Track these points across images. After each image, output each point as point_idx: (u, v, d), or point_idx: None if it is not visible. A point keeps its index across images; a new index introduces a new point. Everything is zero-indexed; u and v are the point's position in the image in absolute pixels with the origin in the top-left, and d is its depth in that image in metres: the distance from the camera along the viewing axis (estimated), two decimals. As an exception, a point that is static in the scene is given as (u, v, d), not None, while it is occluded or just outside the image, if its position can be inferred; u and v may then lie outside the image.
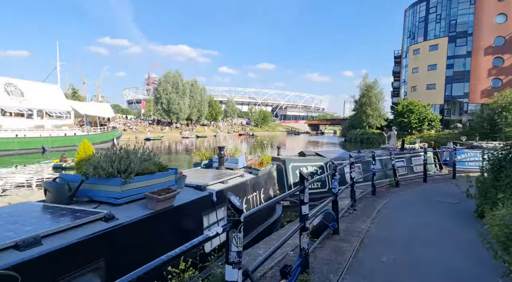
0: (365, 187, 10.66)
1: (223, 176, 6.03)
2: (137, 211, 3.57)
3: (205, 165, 7.16)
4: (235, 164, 6.94)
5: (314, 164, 10.71)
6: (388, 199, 8.92)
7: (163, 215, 3.76)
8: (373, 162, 9.01)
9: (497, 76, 52.34)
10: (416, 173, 13.73)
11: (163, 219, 3.75)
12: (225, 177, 5.97)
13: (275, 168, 8.24)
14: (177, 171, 4.66)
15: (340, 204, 8.51)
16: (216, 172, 6.44)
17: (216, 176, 5.97)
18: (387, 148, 14.47)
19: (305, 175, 4.03)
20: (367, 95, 62.15)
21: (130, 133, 56.02)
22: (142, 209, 3.66)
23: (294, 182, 10.16)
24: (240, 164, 7.01)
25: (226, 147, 7.19)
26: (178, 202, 4.09)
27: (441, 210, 7.80)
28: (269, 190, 7.34)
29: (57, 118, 33.15)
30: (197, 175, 5.93)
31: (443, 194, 9.73)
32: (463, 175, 13.84)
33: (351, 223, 6.57)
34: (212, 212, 4.77)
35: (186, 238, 2.03)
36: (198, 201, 4.49)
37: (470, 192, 7.46)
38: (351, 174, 7.45)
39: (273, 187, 7.85)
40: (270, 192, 7.39)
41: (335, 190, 5.77)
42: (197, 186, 4.88)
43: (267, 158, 7.04)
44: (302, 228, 4.03)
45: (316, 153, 11.65)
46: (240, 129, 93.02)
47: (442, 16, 57.65)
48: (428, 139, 40.47)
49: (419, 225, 6.44)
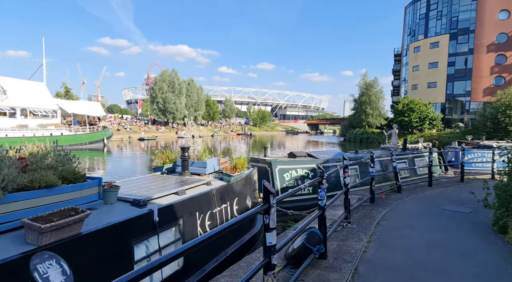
0: (363, 192, 9.42)
1: (183, 184, 4.80)
2: (4, 249, 2.32)
3: (167, 169, 5.92)
4: (202, 168, 5.69)
5: (305, 166, 9.46)
6: (389, 208, 7.67)
7: (58, 251, 2.51)
8: (372, 165, 7.76)
9: (500, 74, 51.07)
10: (419, 175, 12.47)
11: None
12: (185, 185, 4.73)
13: (255, 172, 7.00)
14: (101, 181, 3.42)
15: (333, 214, 7.28)
16: (176, 179, 5.19)
17: (172, 185, 4.73)
18: (387, 148, 13.22)
19: (270, 188, 2.79)
20: (367, 93, 60.88)
21: (124, 133, 54.75)
22: (17, 244, 2.42)
23: (282, 187, 8.92)
24: (209, 168, 5.76)
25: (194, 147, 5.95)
26: (90, 227, 2.86)
27: (452, 223, 6.55)
28: (246, 199, 6.09)
29: (43, 117, 31.76)
30: (145, 184, 4.68)
31: (452, 201, 8.49)
32: (471, 177, 12.62)
33: (343, 241, 5.32)
34: (152, 237, 3.52)
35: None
36: (128, 223, 3.23)
37: (488, 201, 6.23)
38: (345, 180, 6.21)
39: (253, 194, 6.61)
40: (247, 202, 6.13)
41: (322, 202, 4.53)
42: (135, 200, 3.63)
43: (241, 160, 5.79)
44: (266, 267, 2.79)
45: (307, 154, 10.40)
46: (239, 129, 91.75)
47: (443, 13, 56.33)
48: (430, 138, 39.24)
49: (427, 245, 5.19)
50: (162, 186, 4.57)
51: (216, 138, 67.30)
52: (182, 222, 4.04)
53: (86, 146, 33.97)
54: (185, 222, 4.10)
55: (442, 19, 56.42)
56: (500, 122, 37.95)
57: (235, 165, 5.68)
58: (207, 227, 4.61)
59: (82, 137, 32.36)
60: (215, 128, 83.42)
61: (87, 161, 27.48)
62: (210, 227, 4.68)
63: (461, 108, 55.23)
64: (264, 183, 2.82)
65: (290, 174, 9.18)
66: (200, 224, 4.45)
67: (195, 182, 4.96)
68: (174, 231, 3.93)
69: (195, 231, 4.32)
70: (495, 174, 12.41)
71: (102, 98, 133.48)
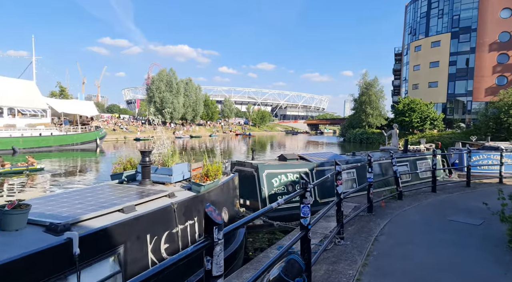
0: (360, 198, 8.52)
1: (137, 197, 3.92)
2: None
3: (128, 177, 5.04)
4: (167, 176, 4.81)
5: (297, 170, 8.56)
6: (388, 218, 6.79)
7: None
8: (369, 169, 6.88)
9: (502, 73, 50.17)
10: (422, 179, 11.58)
11: None
12: (140, 198, 3.85)
13: (235, 179, 6.11)
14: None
15: (325, 226, 6.39)
16: (130, 190, 4.30)
17: (122, 198, 3.84)
18: (387, 150, 12.33)
19: (214, 217, 1.91)
20: (367, 93, 59.91)
21: (119, 133, 53.88)
22: None
23: (270, 194, 8.03)
24: (176, 175, 4.87)
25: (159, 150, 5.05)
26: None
27: (461, 237, 5.67)
28: (221, 212, 5.20)
29: (32, 116, 30.83)
30: (85, 198, 3.79)
31: (460, 209, 7.60)
32: (477, 181, 11.73)
33: (334, 265, 4.44)
34: (70, 276, 2.62)
35: None
36: (28, 261, 2.35)
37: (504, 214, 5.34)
38: (337, 188, 5.33)
39: (231, 205, 5.72)
40: (223, 215, 5.25)
41: (304, 220, 3.65)
42: (51, 224, 2.75)
43: (215, 167, 4.90)
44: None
45: (300, 157, 9.50)
46: (238, 129, 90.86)
47: (444, 11, 55.42)
48: (431, 139, 38.35)
49: (435, 268, 4.31)
50: (106, 200, 3.67)
51: (215, 139, 66.46)
52: (123, 250, 3.15)
53: (78, 146, 33.04)
54: (128, 249, 3.22)
55: (444, 17, 55.50)
56: (503, 122, 37.05)
57: (206, 172, 4.79)
58: (164, 251, 3.72)
59: (73, 138, 31.39)
60: (214, 129, 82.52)
61: (79, 161, 26.64)
62: (169, 251, 3.80)
63: (462, 108, 54.32)
64: (206, 210, 1.93)
65: (280, 179, 8.30)
66: (152, 249, 3.56)
67: (153, 194, 4.08)
68: (111, 263, 3.04)
69: (144, 260, 3.44)
70: (503, 178, 11.55)
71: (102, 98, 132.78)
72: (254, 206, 8.03)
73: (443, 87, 55.30)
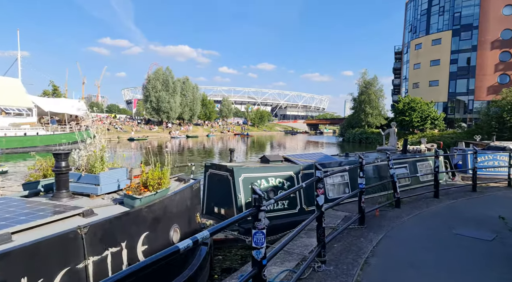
0: (352, 206, 7.38)
1: (30, 218, 2.83)
2: None
3: (46, 186, 3.96)
4: (93, 185, 3.72)
5: (279, 174, 7.47)
6: (383, 232, 5.69)
7: None
8: (361, 174, 5.79)
9: (505, 71, 49.04)
10: (422, 182, 10.49)
11: None
12: (30, 221, 2.77)
13: (194, 187, 5.02)
14: None
15: (306, 244, 5.29)
16: (30, 207, 3.21)
17: (5, 218, 2.76)
18: (384, 150, 11.23)
19: None
20: (366, 92, 58.79)
21: (113, 133, 52.80)
22: None
23: (247, 201, 6.95)
24: (105, 185, 3.78)
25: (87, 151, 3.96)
26: None
27: (471, 258, 4.59)
28: (169, 230, 4.10)
29: (16, 115, 29.69)
30: None
31: (467, 220, 6.52)
32: (483, 185, 10.63)
33: (307, 304, 3.35)
34: None
35: None
36: None
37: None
38: (317, 199, 4.26)
39: (184, 222, 4.59)
40: (172, 234, 4.15)
41: (258, 253, 2.57)
42: None
43: (157, 173, 3.81)
44: None
45: (284, 158, 8.40)
46: (237, 129, 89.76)
47: (445, 9, 54.28)
48: (431, 139, 37.22)
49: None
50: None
51: (212, 139, 65.37)
52: None
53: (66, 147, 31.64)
54: None
55: (444, 15, 54.36)
56: (506, 121, 35.93)
57: (145, 181, 3.71)
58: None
59: (61, 137, 30.22)
60: (212, 128, 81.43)
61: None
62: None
63: (463, 108, 53.16)
64: None
65: (259, 185, 7.21)
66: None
67: (60, 213, 2.99)
68: None
69: None
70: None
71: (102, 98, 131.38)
72: (229, 215, 6.96)
73: (444, 86, 54.17)
